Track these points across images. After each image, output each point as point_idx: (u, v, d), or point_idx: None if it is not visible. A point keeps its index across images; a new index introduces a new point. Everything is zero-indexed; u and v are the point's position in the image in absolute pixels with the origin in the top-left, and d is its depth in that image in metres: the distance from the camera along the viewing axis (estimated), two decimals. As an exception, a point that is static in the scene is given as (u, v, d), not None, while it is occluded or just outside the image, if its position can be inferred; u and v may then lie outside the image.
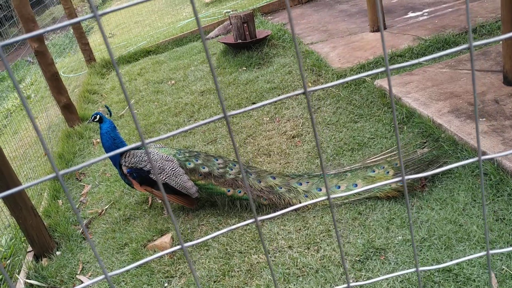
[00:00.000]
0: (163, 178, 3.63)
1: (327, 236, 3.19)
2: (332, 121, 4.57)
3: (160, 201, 4.03)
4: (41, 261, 3.77)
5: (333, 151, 4.11)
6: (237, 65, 6.68)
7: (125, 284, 3.29)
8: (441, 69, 4.66)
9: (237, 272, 3.11)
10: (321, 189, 3.54)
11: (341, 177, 3.58)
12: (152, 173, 3.64)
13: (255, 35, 6.84)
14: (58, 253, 3.84)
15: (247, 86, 5.96)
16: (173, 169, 3.65)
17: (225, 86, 6.16)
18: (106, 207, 4.30)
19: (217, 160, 3.84)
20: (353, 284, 0.81)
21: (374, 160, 3.68)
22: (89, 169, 5.12)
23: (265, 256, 3.17)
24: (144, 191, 3.81)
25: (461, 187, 3.22)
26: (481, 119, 3.64)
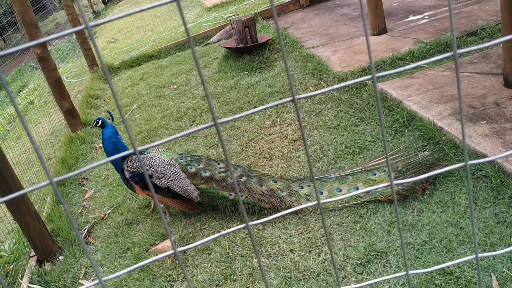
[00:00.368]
0: (165, 182, 3.65)
1: (329, 239, 3.19)
2: (333, 125, 4.59)
3: (162, 206, 4.05)
4: (44, 265, 3.79)
5: (334, 154, 4.12)
6: (239, 69, 6.71)
7: (128, 288, 3.30)
8: (442, 72, 4.67)
9: (239, 276, 3.12)
10: (322, 192, 3.55)
11: (343, 181, 3.59)
12: (154, 177, 3.66)
13: (257, 40, 6.87)
14: (61, 257, 3.86)
15: (248, 90, 5.98)
16: (175, 174, 3.67)
17: (227, 90, 6.18)
18: (108, 211, 4.32)
19: (219, 164, 3.85)
20: None
21: (375, 163, 3.69)
22: (92, 173, 5.15)
23: (267, 259, 3.18)
24: (146, 196, 3.83)
25: (462, 190, 3.22)
26: (481, 122, 3.65)
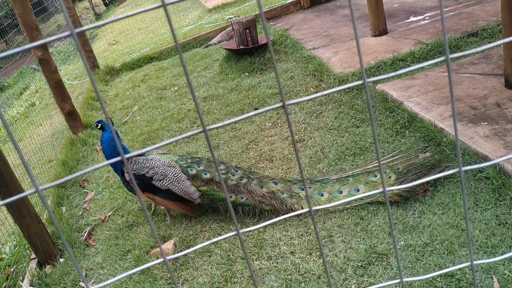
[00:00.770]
0: (166, 184, 3.64)
1: (329, 241, 3.19)
2: (334, 126, 4.58)
3: (162, 208, 4.04)
4: (45, 268, 3.79)
5: (335, 156, 4.12)
6: (240, 71, 6.71)
7: (128, 290, 3.30)
8: (443, 73, 4.66)
9: (240, 278, 3.11)
10: (323, 194, 3.54)
11: (343, 182, 3.58)
12: (155, 179, 3.66)
13: (257, 41, 6.87)
14: (61, 260, 3.86)
15: (249, 91, 5.98)
16: (176, 175, 3.67)
17: (228, 92, 6.18)
18: (109, 213, 4.32)
19: (219, 166, 3.84)
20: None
21: (376, 165, 3.68)
22: (93, 175, 5.14)
23: (268, 262, 3.17)
24: (146, 198, 3.82)
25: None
26: (482, 123, 3.63)
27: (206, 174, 3.72)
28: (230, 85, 6.35)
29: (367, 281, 2.79)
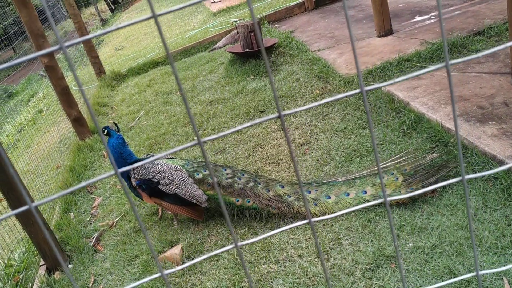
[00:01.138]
0: (173, 188, 3.64)
1: (337, 244, 3.17)
2: (340, 128, 4.56)
3: (169, 212, 4.04)
4: (54, 274, 3.81)
5: (342, 158, 4.09)
6: (245, 74, 6.71)
7: (136, 296, 3.30)
8: (449, 73, 4.62)
9: (247, 282, 3.10)
10: (330, 197, 3.52)
11: (350, 184, 3.56)
12: (161, 184, 3.66)
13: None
14: (70, 266, 3.87)
15: (255, 94, 5.97)
16: (183, 179, 3.67)
17: (233, 95, 6.18)
18: (117, 219, 4.33)
19: (226, 170, 3.84)
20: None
21: (383, 166, 3.65)
22: (100, 181, 5.16)
23: (275, 265, 3.16)
24: (153, 203, 3.82)
25: (472, 192, 3.18)
26: (490, 122, 3.60)
27: (212, 178, 3.71)
28: (235, 88, 6.35)
29: (376, 284, 2.77)
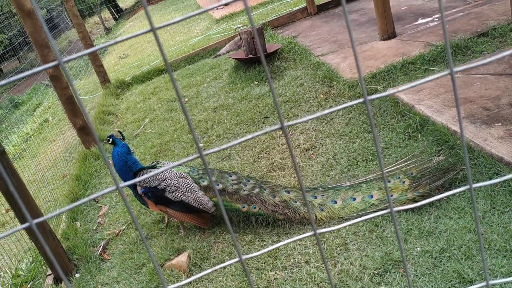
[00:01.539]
0: (179, 195, 3.64)
1: (344, 249, 3.15)
2: (345, 132, 4.54)
3: (176, 220, 4.04)
4: (61, 284, 3.81)
5: (347, 162, 4.08)
6: (249, 79, 6.72)
7: (144, 304, 3.29)
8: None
9: (255, 289, 3.08)
10: (336, 202, 3.50)
11: (356, 189, 3.54)
12: (167, 191, 3.65)
13: (266, 49, 6.88)
14: (77, 275, 3.87)
15: (259, 100, 5.98)
16: (188, 186, 3.66)
17: (238, 101, 6.19)
18: (123, 227, 4.33)
19: (231, 176, 3.83)
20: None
21: (389, 170, 3.63)
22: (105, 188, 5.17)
23: (282, 272, 3.14)
24: (159, 211, 3.82)
25: (480, 195, 3.15)
26: (496, 124, 3.58)
27: (218, 185, 3.71)
28: (239, 95, 6.36)
29: (384, 289, 2.75)
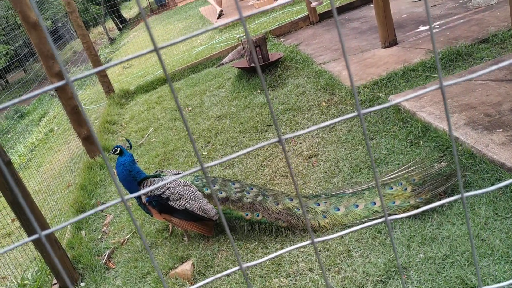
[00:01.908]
0: (183, 203, 3.67)
1: (348, 256, 3.16)
2: (347, 139, 4.57)
3: (180, 229, 4.06)
4: (66, 293, 3.83)
5: (350, 169, 4.10)
6: (252, 88, 6.76)
7: (148, 313, 3.31)
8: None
9: (258, 297, 3.10)
10: (339, 209, 3.52)
11: (359, 196, 3.56)
12: (171, 200, 3.68)
13: (268, 58, 6.93)
14: (82, 284, 3.90)
15: (262, 108, 6.02)
16: (192, 194, 3.69)
17: (241, 110, 6.23)
18: (128, 236, 4.36)
19: (234, 184, 3.86)
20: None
21: (391, 177, 3.65)
22: (111, 198, 5.21)
23: (286, 279, 3.15)
24: (163, 220, 3.85)
25: (482, 201, 3.16)
26: (498, 130, 3.59)
27: (221, 193, 3.74)
28: (243, 103, 6.40)
29: (388, 295, 2.76)
